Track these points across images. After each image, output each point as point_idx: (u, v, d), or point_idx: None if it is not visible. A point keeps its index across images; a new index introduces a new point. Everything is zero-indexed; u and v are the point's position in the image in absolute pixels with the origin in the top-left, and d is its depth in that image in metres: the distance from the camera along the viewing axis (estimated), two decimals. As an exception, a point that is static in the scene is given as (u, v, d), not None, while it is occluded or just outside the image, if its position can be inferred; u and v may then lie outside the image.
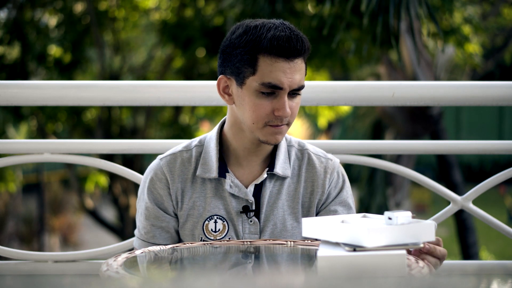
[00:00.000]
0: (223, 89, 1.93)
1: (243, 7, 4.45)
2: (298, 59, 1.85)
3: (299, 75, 1.85)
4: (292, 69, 1.84)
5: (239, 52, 1.86)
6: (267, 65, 1.83)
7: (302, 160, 2.00)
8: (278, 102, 1.85)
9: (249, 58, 1.84)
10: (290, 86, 1.84)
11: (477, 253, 5.95)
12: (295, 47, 1.83)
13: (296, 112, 1.90)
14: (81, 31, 7.08)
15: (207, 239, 1.93)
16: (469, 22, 6.24)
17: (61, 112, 7.22)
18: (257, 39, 1.83)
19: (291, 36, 1.83)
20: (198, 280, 1.08)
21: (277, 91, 1.84)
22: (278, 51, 1.82)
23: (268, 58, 1.83)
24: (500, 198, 10.02)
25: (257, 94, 1.85)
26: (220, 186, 1.95)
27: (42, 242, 9.56)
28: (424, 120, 6.12)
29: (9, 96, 2.36)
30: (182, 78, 7.66)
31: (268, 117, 1.86)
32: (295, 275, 1.52)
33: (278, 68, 1.83)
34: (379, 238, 1.51)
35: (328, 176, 1.99)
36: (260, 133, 1.88)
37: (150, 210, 1.96)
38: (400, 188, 11.01)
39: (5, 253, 2.34)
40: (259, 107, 1.85)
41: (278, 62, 1.83)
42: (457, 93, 2.40)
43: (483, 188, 2.38)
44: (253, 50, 1.84)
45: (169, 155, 1.98)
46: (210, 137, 1.99)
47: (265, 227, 1.94)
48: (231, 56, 1.88)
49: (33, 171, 11.31)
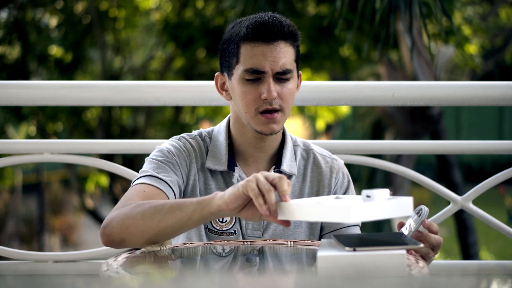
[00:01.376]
0: (220, 86, 1.98)
1: (243, 7, 4.45)
2: (280, 42, 1.86)
3: (283, 58, 1.86)
4: (274, 52, 1.85)
5: (227, 46, 1.91)
6: (248, 51, 1.86)
7: (307, 160, 2.01)
8: (263, 86, 1.86)
9: (233, 48, 1.89)
10: (272, 69, 1.85)
11: (477, 253, 5.94)
12: (271, 30, 1.85)
13: (289, 98, 1.90)
14: (81, 31, 7.09)
15: (213, 228, 1.94)
16: (469, 23, 6.25)
17: (62, 112, 7.22)
18: (239, 29, 1.88)
19: (268, 20, 1.86)
20: (198, 280, 1.08)
21: (261, 75, 1.86)
22: (255, 35, 1.85)
23: (248, 44, 1.86)
24: (500, 198, 10.02)
25: (243, 82, 1.88)
26: (229, 179, 1.96)
27: (42, 242, 9.56)
28: (424, 120, 6.12)
29: (9, 96, 2.36)
30: (182, 78, 7.66)
31: (256, 103, 1.87)
32: (295, 275, 1.52)
33: (257, 52, 1.85)
34: (360, 214, 1.52)
35: (334, 176, 2.00)
36: (254, 122, 1.90)
37: (166, 159, 1.91)
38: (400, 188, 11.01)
39: (5, 253, 2.35)
40: (247, 94, 1.88)
41: (258, 46, 1.85)
42: (457, 93, 2.40)
43: (483, 188, 2.38)
44: (236, 40, 1.88)
45: (187, 137, 1.98)
46: (218, 131, 2.01)
47: (268, 224, 1.95)
48: (223, 52, 1.93)
49: (33, 171, 11.32)
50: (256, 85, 1.87)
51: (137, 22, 7.74)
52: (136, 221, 1.69)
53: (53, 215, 10.37)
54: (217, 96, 2.37)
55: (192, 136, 2.00)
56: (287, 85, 1.89)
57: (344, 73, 8.28)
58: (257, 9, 4.30)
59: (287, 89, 1.89)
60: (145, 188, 1.83)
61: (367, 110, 8.10)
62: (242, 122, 1.94)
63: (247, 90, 1.87)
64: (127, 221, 1.69)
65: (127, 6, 7.47)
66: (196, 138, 1.99)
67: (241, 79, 1.88)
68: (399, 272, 1.48)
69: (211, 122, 10.94)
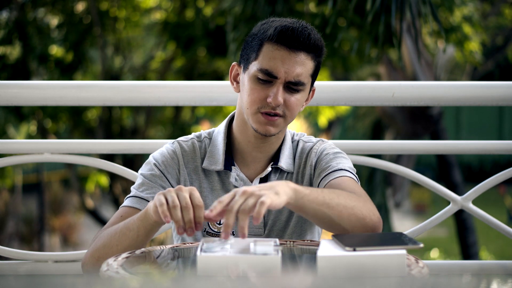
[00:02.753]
0: (234, 77, 1.98)
1: (243, 7, 4.45)
2: (302, 52, 1.85)
3: (300, 69, 1.86)
4: (292, 60, 1.85)
5: (251, 39, 1.91)
6: (269, 52, 1.86)
7: (304, 157, 2.00)
8: (272, 89, 1.86)
9: (256, 44, 1.88)
10: (286, 77, 1.85)
11: (477, 253, 5.95)
12: (297, 38, 1.84)
13: (295, 108, 1.89)
14: (82, 31, 7.09)
15: (211, 231, 1.94)
16: (469, 21, 6.25)
17: (62, 112, 7.23)
18: (268, 27, 1.88)
19: (298, 28, 1.85)
20: (198, 280, 1.08)
21: (273, 80, 1.86)
22: (280, 38, 1.84)
23: (271, 45, 1.86)
24: (500, 198, 10.02)
25: (254, 79, 1.88)
26: (226, 179, 1.96)
27: (42, 242, 9.56)
28: (424, 120, 6.13)
29: (9, 96, 2.36)
30: (183, 78, 7.67)
31: (260, 102, 1.87)
32: (295, 275, 1.52)
33: (277, 56, 1.85)
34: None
35: (316, 156, 1.97)
36: (252, 119, 1.90)
37: (152, 173, 1.93)
38: (400, 188, 11.01)
39: (5, 253, 2.35)
40: (254, 92, 1.88)
41: (279, 50, 1.85)
42: (457, 93, 2.40)
43: (483, 188, 2.38)
44: (261, 37, 1.87)
45: (181, 141, 2.00)
46: (218, 131, 2.01)
47: (269, 222, 1.95)
48: (246, 44, 1.93)
49: (33, 171, 11.32)
50: (266, 86, 1.87)
51: (137, 22, 7.74)
52: (101, 251, 1.78)
53: (53, 215, 10.37)
54: (217, 96, 2.38)
55: (187, 139, 2.00)
56: (295, 95, 1.88)
57: (345, 73, 8.28)
58: (257, 10, 4.30)
59: (295, 99, 1.88)
60: (124, 212, 1.89)
61: (367, 110, 8.10)
62: (244, 118, 1.94)
63: (256, 88, 1.87)
64: (96, 254, 1.79)
65: (127, 6, 7.47)
66: (192, 141, 1.99)
67: (254, 76, 1.88)
68: (399, 272, 1.48)
69: (211, 122, 10.94)
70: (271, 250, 1.50)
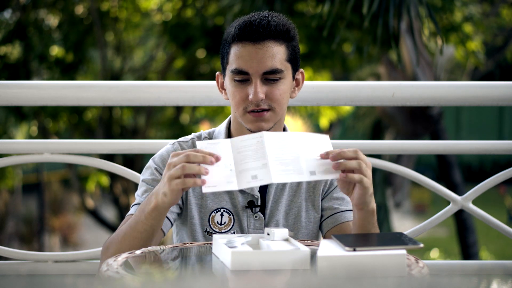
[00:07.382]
0: (221, 85, 1.99)
1: (241, 7, 4.45)
2: (268, 42, 1.85)
3: (272, 58, 1.85)
4: (260, 52, 1.85)
5: (222, 46, 1.93)
6: (236, 52, 1.87)
7: None
8: (250, 87, 1.86)
9: (226, 48, 1.90)
10: (258, 70, 1.85)
11: (477, 253, 5.94)
12: (257, 30, 1.84)
13: (280, 98, 1.88)
14: (82, 31, 7.09)
15: (212, 231, 1.94)
16: (470, 20, 6.24)
17: (62, 112, 7.23)
18: (231, 29, 1.89)
19: (256, 20, 1.86)
20: (198, 280, 1.08)
21: (248, 76, 1.86)
22: (241, 36, 1.85)
23: (236, 45, 1.87)
24: (500, 198, 10.01)
25: (232, 82, 1.89)
26: None
27: (42, 242, 9.55)
28: (424, 120, 6.12)
29: (10, 96, 2.37)
30: (183, 78, 7.66)
31: (244, 103, 1.88)
32: (295, 275, 1.52)
33: (244, 53, 1.85)
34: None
35: None
36: (244, 120, 1.90)
37: (153, 177, 1.94)
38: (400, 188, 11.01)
39: (5, 253, 2.35)
40: (235, 94, 1.89)
41: (245, 47, 1.85)
42: (457, 93, 2.40)
43: (483, 188, 2.38)
44: (228, 41, 1.89)
45: (181, 141, 2.00)
46: (219, 131, 2.01)
47: (270, 223, 1.96)
48: (220, 52, 1.95)
49: (33, 171, 11.31)
50: (245, 86, 1.87)
51: (138, 22, 7.74)
52: (124, 244, 1.80)
53: (53, 215, 10.37)
54: (217, 96, 2.38)
55: (187, 139, 2.00)
56: (277, 85, 1.88)
57: (344, 73, 8.27)
58: (255, 9, 4.30)
59: (278, 90, 1.88)
60: None
61: (367, 110, 8.10)
62: (239, 121, 1.95)
63: (236, 90, 1.88)
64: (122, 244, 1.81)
65: (128, 6, 7.47)
66: (192, 140, 2.00)
67: (231, 80, 1.89)
68: (399, 272, 1.48)
69: (211, 122, 10.94)
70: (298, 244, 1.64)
